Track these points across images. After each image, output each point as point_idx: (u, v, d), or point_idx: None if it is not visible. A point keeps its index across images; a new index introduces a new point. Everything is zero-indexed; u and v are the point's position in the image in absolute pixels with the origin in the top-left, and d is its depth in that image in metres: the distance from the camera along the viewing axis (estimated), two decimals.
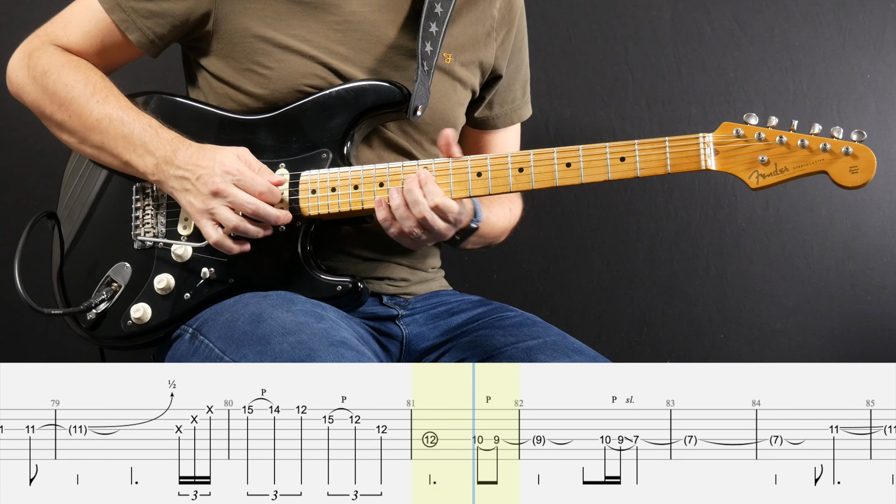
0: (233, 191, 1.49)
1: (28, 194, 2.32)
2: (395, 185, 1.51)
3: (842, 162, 1.40)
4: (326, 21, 1.61)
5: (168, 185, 1.54)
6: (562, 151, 1.47)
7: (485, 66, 1.74)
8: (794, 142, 1.42)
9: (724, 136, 1.44)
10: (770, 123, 1.43)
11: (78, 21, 1.63)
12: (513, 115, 1.85)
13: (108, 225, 1.64)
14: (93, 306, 1.59)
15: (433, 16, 1.62)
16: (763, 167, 1.43)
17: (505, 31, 1.76)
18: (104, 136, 1.56)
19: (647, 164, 1.45)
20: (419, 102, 1.59)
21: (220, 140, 1.58)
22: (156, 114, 1.59)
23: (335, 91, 1.58)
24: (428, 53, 1.60)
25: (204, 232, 1.52)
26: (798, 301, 2.36)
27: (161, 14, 1.60)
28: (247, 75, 1.61)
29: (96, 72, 1.61)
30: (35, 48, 1.63)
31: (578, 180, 1.47)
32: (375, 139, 1.64)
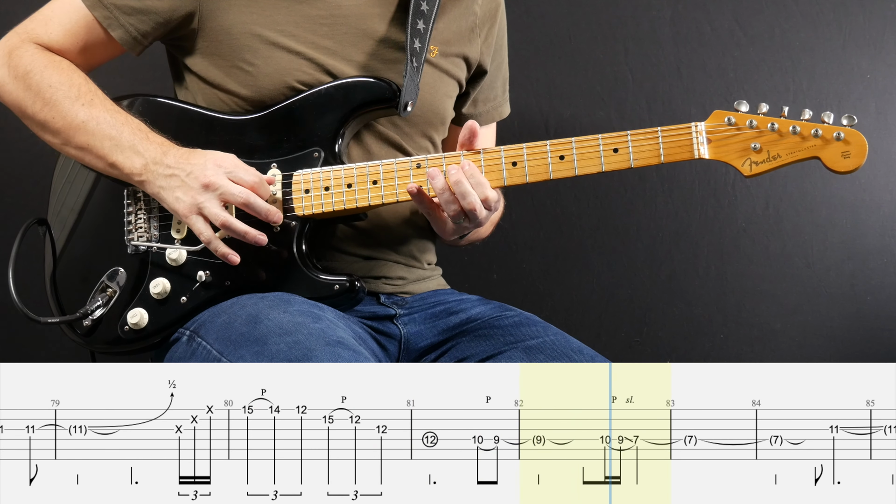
0: (224, 182, 1.48)
1: (24, 198, 2.30)
2: (388, 182, 1.51)
3: (833, 147, 1.41)
4: (312, 15, 1.61)
5: (155, 184, 1.52)
6: (554, 144, 1.48)
7: (470, 60, 1.75)
8: (785, 128, 1.43)
9: (715, 124, 1.45)
10: (761, 111, 1.44)
11: (59, 18, 1.62)
12: (494, 112, 1.86)
13: (100, 230, 1.63)
14: (89, 313, 1.58)
15: (420, 13, 1.62)
16: (756, 154, 1.44)
17: (488, 27, 1.77)
18: (90, 137, 1.54)
19: (640, 154, 1.45)
20: (409, 98, 1.59)
21: (209, 141, 1.58)
22: (143, 116, 1.58)
23: (324, 89, 1.58)
24: (416, 50, 1.60)
25: (195, 229, 1.51)
26: (798, 301, 2.36)
27: (144, 11, 1.59)
28: (233, 73, 1.60)
29: (80, 73, 1.60)
30: (15, 46, 1.60)
31: (572, 173, 1.48)
32: (365, 133, 1.64)
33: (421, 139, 1.70)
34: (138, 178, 1.53)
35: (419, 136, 1.69)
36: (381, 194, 1.53)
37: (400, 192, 1.53)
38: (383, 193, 1.53)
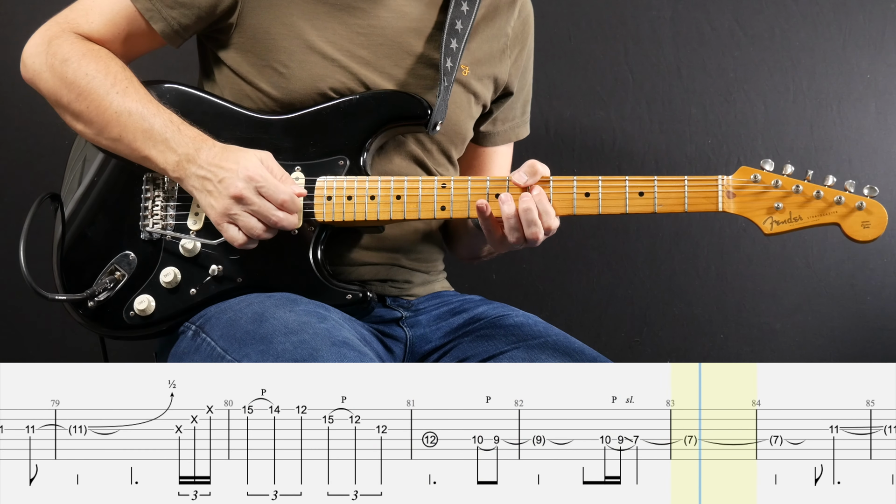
0: (256, 199, 1.47)
1: (34, 184, 2.28)
2: (412, 199, 1.52)
3: (855, 216, 1.46)
4: (351, 24, 1.60)
5: (189, 182, 1.51)
6: (581, 180, 1.50)
7: (499, 81, 1.75)
8: (809, 192, 1.46)
9: (742, 180, 1.48)
10: (786, 171, 1.47)
11: (100, 9, 1.60)
12: (511, 133, 1.85)
13: (114, 212, 1.61)
14: (95, 294, 1.56)
15: (454, 32, 1.62)
16: (778, 214, 1.47)
17: (518, 49, 1.77)
18: (123, 129, 1.53)
19: (664, 201, 1.48)
20: (439, 118, 1.59)
21: (236, 137, 1.57)
22: (173, 106, 1.55)
23: (357, 98, 1.58)
24: (448, 69, 1.61)
25: (227, 235, 1.50)
26: (798, 301, 2.36)
27: (187, 4, 1.59)
28: (265, 72, 1.60)
29: (117, 61, 1.58)
30: (55, 35, 1.58)
31: (596, 211, 1.50)
32: (388, 144, 1.64)
33: (440, 156, 1.70)
34: (174, 176, 1.52)
35: (439, 153, 1.70)
36: (403, 209, 1.53)
37: (423, 210, 1.53)
38: (405, 209, 1.53)
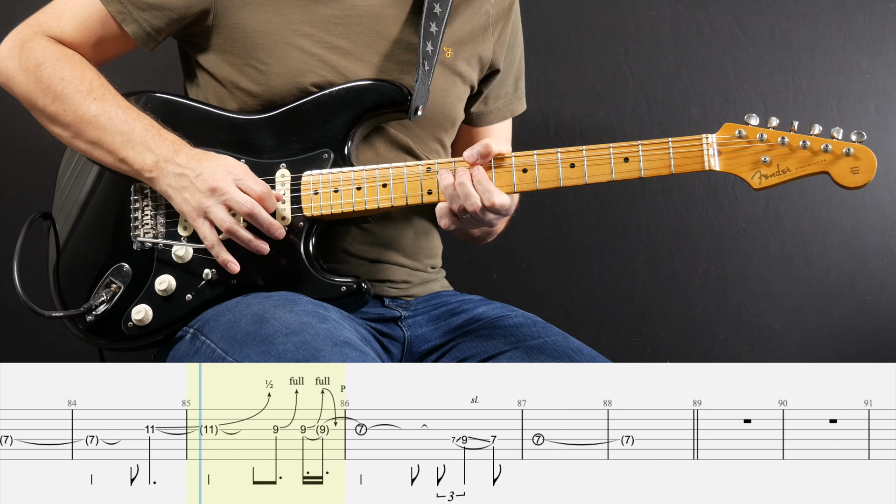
0: (231, 188, 1.49)
1: (27, 194, 2.31)
2: (398, 185, 1.52)
3: (843, 162, 1.43)
4: (327, 15, 1.61)
5: (164, 182, 1.52)
6: (565, 152, 1.48)
7: (484, 60, 1.75)
8: (795, 143, 1.43)
9: (726, 136, 1.46)
10: (771, 124, 1.45)
11: (72, 12, 1.61)
12: (505, 109, 1.85)
13: (106, 225, 1.63)
14: (93, 308, 1.58)
15: (433, 15, 1.62)
16: (765, 167, 1.45)
17: (501, 25, 1.76)
18: (101, 131, 1.54)
19: (650, 164, 1.46)
20: (420, 102, 1.59)
21: (219, 140, 1.58)
22: (152, 114, 1.57)
23: (335, 91, 1.59)
24: (429, 53, 1.60)
25: (200, 233, 1.52)
26: (798, 301, 2.36)
27: (159, 7, 1.59)
28: (246, 71, 1.60)
29: (92, 68, 1.59)
30: (27, 38, 1.59)
31: (582, 181, 1.48)
32: (374, 135, 1.64)
33: (431, 142, 1.70)
34: (148, 175, 1.53)
35: (429, 139, 1.69)
36: (390, 197, 1.53)
37: (409, 195, 1.53)
38: (392, 196, 1.53)
